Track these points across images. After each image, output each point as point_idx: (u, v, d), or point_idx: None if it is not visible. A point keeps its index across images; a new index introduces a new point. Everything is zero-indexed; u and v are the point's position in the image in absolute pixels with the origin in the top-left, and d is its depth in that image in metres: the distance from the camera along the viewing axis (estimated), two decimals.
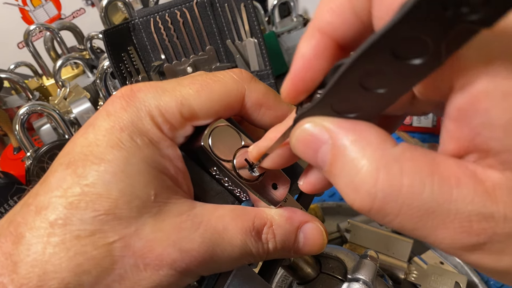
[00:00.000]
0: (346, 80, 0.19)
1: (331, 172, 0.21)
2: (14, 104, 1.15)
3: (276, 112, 0.32)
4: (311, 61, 0.22)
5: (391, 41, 0.16)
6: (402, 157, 0.19)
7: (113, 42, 0.91)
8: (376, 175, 0.19)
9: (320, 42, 0.22)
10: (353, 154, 0.20)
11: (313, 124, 0.22)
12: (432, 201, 0.18)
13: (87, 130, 0.27)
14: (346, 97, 0.20)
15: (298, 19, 1.28)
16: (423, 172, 0.18)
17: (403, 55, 0.17)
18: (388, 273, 0.58)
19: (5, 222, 0.26)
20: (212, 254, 0.27)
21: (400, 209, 0.19)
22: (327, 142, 0.21)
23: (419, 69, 0.17)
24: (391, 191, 0.18)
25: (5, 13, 1.43)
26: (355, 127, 0.21)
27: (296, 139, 0.23)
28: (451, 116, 0.19)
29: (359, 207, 0.20)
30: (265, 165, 0.29)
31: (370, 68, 0.18)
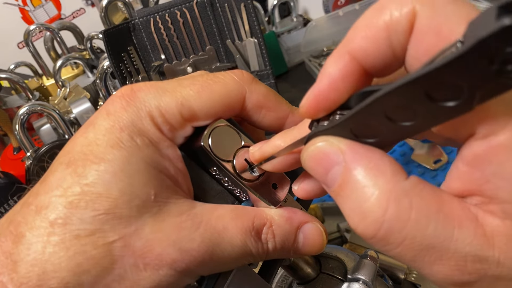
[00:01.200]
0: (373, 109, 0.20)
1: (338, 193, 0.22)
2: (14, 104, 1.15)
3: (276, 114, 0.32)
4: (337, 82, 0.22)
5: (429, 83, 0.17)
6: (412, 192, 0.20)
7: (113, 42, 0.91)
8: (386, 206, 0.20)
9: (348, 65, 0.22)
10: (365, 181, 0.20)
11: (328, 144, 0.22)
12: (434, 238, 0.19)
13: (87, 129, 0.27)
14: (369, 124, 0.21)
15: (298, 19, 1.28)
16: (430, 209, 0.19)
17: (437, 97, 0.17)
18: (388, 273, 0.58)
19: (5, 221, 0.26)
20: (212, 254, 0.27)
21: (402, 241, 0.20)
22: (340, 164, 0.22)
23: (449, 111, 0.18)
24: (398, 223, 0.19)
25: (5, 13, 1.43)
26: (371, 155, 0.21)
27: (308, 155, 0.23)
28: (465, 159, 0.20)
29: (362, 232, 0.21)
30: (266, 168, 0.29)
31: (400, 103, 0.18)
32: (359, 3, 1.16)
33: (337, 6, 1.29)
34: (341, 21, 1.18)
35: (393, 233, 0.20)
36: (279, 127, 0.32)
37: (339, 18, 1.16)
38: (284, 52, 1.20)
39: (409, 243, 0.19)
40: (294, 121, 0.32)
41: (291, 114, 0.32)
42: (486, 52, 0.15)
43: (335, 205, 0.75)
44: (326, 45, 1.21)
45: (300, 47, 1.18)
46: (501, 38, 0.14)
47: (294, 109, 0.32)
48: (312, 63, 1.17)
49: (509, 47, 0.15)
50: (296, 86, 1.16)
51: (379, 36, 0.21)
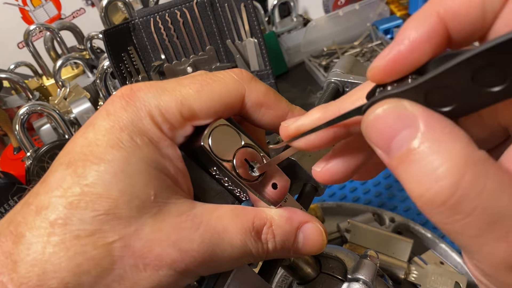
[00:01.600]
0: (458, 70, 0.18)
1: (405, 159, 0.20)
2: (14, 104, 1.15)
3: (276, 112, 0.32)
4: (421, 44, 0.21)
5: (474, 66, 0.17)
6: (488, 162, 0.19)
7: (113, 42, 0.91)
8: (464, 170, 0.18)
9: (435, 27, 0.21)
10: (442, 146, 0.19)
11: (401, 106, 0.21)
12: (506, 211, 0.18)
13: (87, 129, 0.27)
14: (449, 88, 0.19)
15: (298, 19, 1.28)
16: (505, 181, 0.19)
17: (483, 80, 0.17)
18: (388, 273, 0.58)
19: (6, 221, 0.26)
20: (212, 254, 0.27)
21: (473, 210, 0.18)
22: (412, 127, 0.20)
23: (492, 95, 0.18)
24: (473, 189, 0.18)
25: (5, 13, 1.43)
26: (446, 122, 0.20)
27: (375, 116, 0.21)
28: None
29: (432, 198, 0.19)
30: (298, 145, 0.27)
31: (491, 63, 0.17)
32: (359, 3, 1.16)
33: (337, 6, 1.29)
34: (341, 21, 1.18)
35: (466, 200, 0.18)
36: (279, 125, 0.32)
37: (339, 18, 1.16)
38: (284, 52, 1.20)
39: (480, 214, 0.18)
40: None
41: (290, 112, 0.32)
42: None
43: (335, 205, 0.75)
44: (326, 45, 1.21)
45: (300, 47, 1.18)
46: None
47: (293, 107, 0.32)
48: (312, 63, 1.17)
49: None
50: (296, 86, 1.16)
51: None
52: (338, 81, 0.52)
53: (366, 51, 1.18)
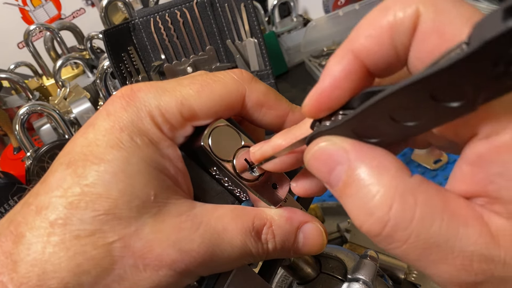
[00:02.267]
0: (377, 109, 0.20)
1: (343, 192, 0.22)
2: (14, 104, 1.15)
3: (277, 112, 0.32)
4: (340, 81, 0.22)
5: (434, 84, 0.17)
6: (417, 189, 0.20)
7: (113, 42, 0.91)
8: (391, 203, 0.19)
9: (351, 64, 0.22)
10: (370, 179, 0.20)
11: (332, 143, 0.22)
12: (439, 236, 0.19)
13: (87, 130, 0.27)
14: (372, 124, 0.21)
15: (298, 19, 1.28)
16: (435, 207, 0.19)
17: (441, 98, 0.18)
18: (388, 273, 0.58)
19: (6, 221, 0.26)
20: (212, 255, 0.27)
21: (407, 239, 0.19)
22: (344, 164, 0.22)
23: (453, 111, 0.18)
24: (403, 220, 0.19)
25: (5, 13, 1.43)
26: (374, 153, 0.21)
27: (312, 155, 0.23)
28: (469, 160, 0.20)
29: (368, 230, 0.20)
30: (267, 168, 0.29)
31: (404, 103, 0.19)
32: (359, 3, 1.16)
33: (337, 6, 1.29)
34: (341, 21, 1.18)
35: (398, 230, 0.19)
36: (280, 125, 0.32)
37: (339, 18, 1.16)
38: (284, 52, 1.20)
39: (414, 241, 0.19)
40: (294, 119, 0.32)
41: (291, 112, 0.32)
42: (491, 54, 0.15)
43: (335, 205, 0.75)
44: (326, 45, 1.21)
45: (300, 47, 1.18)
46: (507, 40, 0.14)
47: (294, 107, 0.32)
48: (312, 63, 1.17)
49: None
50: (296, 86, 1.16)
51: (383, 36, 0.21)
52: None
53: None
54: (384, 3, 0.21)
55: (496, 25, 0.14)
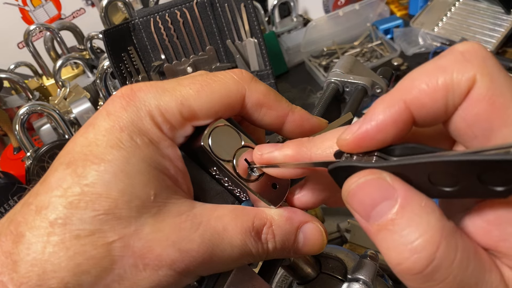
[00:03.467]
0: (420, 168, 0.21)
1: (384, 228, 0.22)
2: (14, 104, 1.15)
3: (277, 112, 0.32)
4: (387, 126, 0.23)
5: (485, 169, 0.19)
6: (456, 233, 0.21)
7: (113, 42, 0.91)
8: (439, 243, 0.20)
9: (401, 112, 0.23)
10: (419, 219, 0.21)
11: (381, 178, 0.22)
12: (471, 278, 0.21)
13: (87, 129, 0.27)
14: (409, 178, 0.22)
15: (298, 19, 1.28)
16: (470, 251, 0.21)
17: (487, 181, 0.19)
18: (388, 273, 0.58)
19: (6, 221, 0.26)
20: (212, 255, 0.27)
21: (446, 278, 0.21)
22: (391, 199, 0.22)
23: (490, 192, 0.20)
24: (446, 261, 0.20)
25: (5, 13, 1.43)
26: (421, 195, 0.22)
27: (357, 186, 0.23)
28: (486, 219, 0.22)
29: (410, 267, 0.21)
30: (269, 172, 0.30)
31: (449, 172, 0.20)
32: (359, 3, 1.16)
33: (337, 6, 1.29)
34: (341, 21, 1.18)
35: (440, 270, 0.20)
36: (279, 125, 0.32)
37: (339, 18, 1.16)
38: (284, 52, 1.20)
39: (450, 281, 0.20)
40: (294, 119, 0.32)
41: (291, 112, 0.32)
42: None
43: None
44: (326, 45, 1.21)
45: (300, 47, 1.18)
46: None
47: (294, 107, 0.32)
48: (312, 63, 1.17)
49: None
50: (296, 86, 1.16)
51: (438, 93, 0.22)
52: (338, 81, 0.52)
53: (366, 51, 1.18)
54: (441, 61, 0.22)
55: None
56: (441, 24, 1.16)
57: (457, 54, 0.22)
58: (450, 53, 0.22)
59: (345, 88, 0.52)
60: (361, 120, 0.24)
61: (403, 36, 1.17)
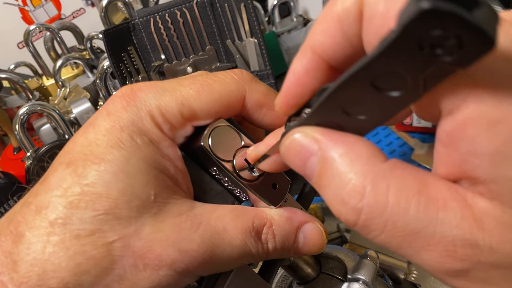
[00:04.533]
0: (328, 105, 0.20)
1: (319, 183, 0.21)
2: (14, 104, 1.15)
3: (277, 113, 0.32)
4: (302, 78, 0.22)
5: (371, 73, 0.17)
6: (390, 174, 0.19)
7: (113, 42, 0.91)
8: (363, 190, 0.19)
9: (311, 61, 0.22)
10: (341, 168, 0.20)
11: (303, 135, 0.22)
12: (417, 222, 0.18)
13: (87, 129, 0.27)
14: (330, 120, 0.21)
15: (298, 19, 1.28)
16: (410, 191, 0.18)
17: (382, 87, 0.17)
18: (388, 273, 0.58)
19: (5, 220, 0.26)
20: (212, 255, 0.27)
21: (384, 227, 0.19)
22: (316, 154, 0.21)
23: (397, 100, 0.18)
24: (377, 207, 0.18)
25: (5, 13, 1.43)
26: (345, 140, 0.21)
27: (285, 148, 0.23)
28: (441, 140, 0.19)
29: (345, 220, 0.20)
30: (262, 167, 0.29)
31: (351, 96, 0.19)
32: None
33: None
34: None
35: (374, 218, 0.19)
36: (279, 126, 0.32)
37: None
38: (284, 52, 1.20)
39: (392, 229, 0.18)
40: None
41: None
42: (412, 38, 0.15)
43: None
44: None
45: (300, 47, 1.18)
46: (422, 22, 0.14)
47: None
48: None
49: (432, 30, 0.14)
50: None
51: (334, 28, 0.21)
52: None
53: None
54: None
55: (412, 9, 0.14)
56: None
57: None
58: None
59: None
60: None
61: None
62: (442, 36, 0.14)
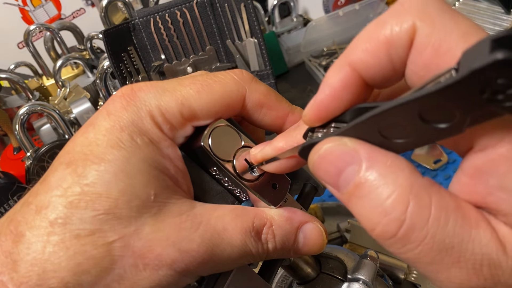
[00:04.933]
0: (368, 125, 0.20)
1: (353, 194, 0.21)
2: (14, 104, 1.15)
3: (277, 113, 0.32)
4: (338, 92, 0.22)
5: (422, 106, 0.18)
6: (431, 189, 0.20)
7: (113, 42, 0.91)
8: (407, 202, 0.19)
9: (348, 76, 0.22)
10: (385, 179, 0.20)
11: (341, 144, 0.22)
12: (454, 237, 0.19)
13: (87, 129, 0.27)
14: (364, 138, 0.21)
15: (298, 19, 1.28)
16: (449, 207, 0.19)
17: (430, 119, 0.18)
18: (388, 273, 0.58)
19: (5, 220, 0.26)
20: (212, 255, 0.27)
21: (423, 239, 0.19)
22: (355, 163, 0.21)
23: (440, 131, 0.19)
24: (419, 219, 0.19)
25: (5, 13, 1.43)
26: (386, 154, 0.21)
27: (319, 156, 0.22)
28: (467, 173, 0.20)
29: (382, 231, 0.20)
30: (267, 169, 0.30)
31: (394, 122, 0.19)
32: (359, 3, 1.16)
33: (337, 6, 1.29)
34: (341, 21, 1.18)
35: (415, 230, 0.19)
36: (280, 126, 0.32)
37: (339, 18, 1.16)
38: (284, 52, 1.20)
39: (429, 242, 0.19)
40: (294, 120, 0.32)
41: (291, 113, 0.32)
42: (478, 82, 0.16)
43: (335, 205, 0.75)
44: (326, 45, 1.21)
45: (300, 47, 1.18)
46: (493, 71, 0.15)
47: (294, 108, 0.33)
48: (312, 63, 1.17)
49: (499, 79, 0.15)
50: (296, 86, 1.16)
51: (379, 50, 0.21)
52: None
53: None
54: (381, 16, 0.21)
55: (484, 55, 0.15)
56: None
57: (396, 5, 0.21)
58: (392, 5, 0.21)
59: None
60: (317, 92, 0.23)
61: None
62: (507, 84, 0.15)
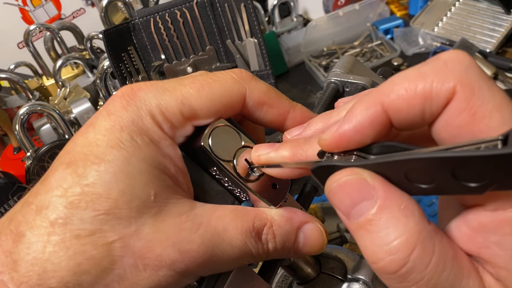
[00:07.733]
0: (396, 165, 0.21)
1: (363, 227, 0.22)
2: (14, 104, 1.15)
3: (278, 110, 0.32)
4: (363, 128, 0.23)
5: (459, 165, 0.19)
6: (435, 237, 0.21)
7: (113, 42, 0.91)
8: (414, 247, 0.21)
9: (378, 115, 0.23)
10: (396, 221, 0.21)
11: (361, 178, 0.23)
12: (447, 282, 0.21)
13: (87, 129, 0.27)
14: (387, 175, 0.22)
15: (298, 19, 1.28)
16: (447, 256, 0.21)
17: (460, 177, 0.20)
18: None
19: (6, 220, 0.26)
20: (212, 255, 0.27)
21: (420, 280, 0.21)
22: (371, 199, 0.22)
23: (464, 188, 0.20)
24: (420, 264, 0.21)
25: (5, 13, 1.43)
26: (401, 196, 0.22)
27: (338, 185, 0.23)
28: (471, 225, 0.22)
29: (384, 267, 0.22)
30: (268, 172, 0.30)
31: (424, 169, 0.20)
32: (359, 3, 1.16)
33: (337, 6, 1.29)
34: (341, 21, 1.18)
35: (413, 272, 0.21)
36: (281, 122, 0.32)
37: (339, 18, 1.16)
38: (284, 52, 1.20)
39: (424, 284, 0.21)
40: (295, 117, 0.32)
41: (292, 110, 0.32)
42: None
43: None
44: (326, 45, 1.21)
45: (300, 47, 1.18)
46: None
47: (295, 105, 0.33)
48: (312, 63, 1.17)
49: None
50: (296, 86, 1.16)
51: (415, 100, 0.22)
52: (338, 81, 0.52)
53: (366, 51, 1.18)
54: (423, 68, 0.22)
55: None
56: (441, 24, 1.15)
57: (439, 62, 0.22)
58: (434, 60, 0.22)
59: (345, 88, 0.52)
60: (340, 120, 0.24)
61: (403, 36, 1.17)
62: None
